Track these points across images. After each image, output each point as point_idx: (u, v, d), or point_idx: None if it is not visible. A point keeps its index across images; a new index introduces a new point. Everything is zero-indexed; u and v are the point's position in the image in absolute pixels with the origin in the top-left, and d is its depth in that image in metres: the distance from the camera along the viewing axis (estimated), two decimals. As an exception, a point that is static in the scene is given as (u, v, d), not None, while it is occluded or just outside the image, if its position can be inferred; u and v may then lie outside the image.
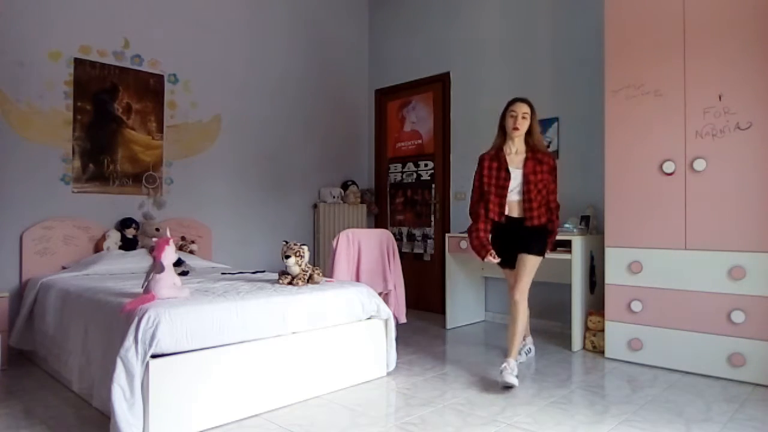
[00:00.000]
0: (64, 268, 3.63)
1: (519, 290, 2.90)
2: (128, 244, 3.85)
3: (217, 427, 2.26)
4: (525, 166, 2.95)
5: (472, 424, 2.28)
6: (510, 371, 2.71)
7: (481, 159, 3.08)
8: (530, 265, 2.93)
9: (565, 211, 3.80)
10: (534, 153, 2.97)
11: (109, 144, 3.95)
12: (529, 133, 2.98)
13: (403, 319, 3.83)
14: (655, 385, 2.83)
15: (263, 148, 4.87)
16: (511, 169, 2.96)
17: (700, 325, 2.99)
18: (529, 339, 3.37)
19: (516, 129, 2.94)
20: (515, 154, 2.99)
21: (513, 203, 2.97)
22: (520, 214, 2.96)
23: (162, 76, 4.23)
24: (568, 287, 3.61)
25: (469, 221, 4.59)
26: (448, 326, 4.24)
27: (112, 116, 3.97)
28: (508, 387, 2.70)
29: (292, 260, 2.88)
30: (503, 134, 3.03)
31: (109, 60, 3.95)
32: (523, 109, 2.94)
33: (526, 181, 2.93)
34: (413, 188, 5.32)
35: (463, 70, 4.87)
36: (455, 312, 4.28)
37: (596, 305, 3.66)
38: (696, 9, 3.04)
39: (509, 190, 2.95)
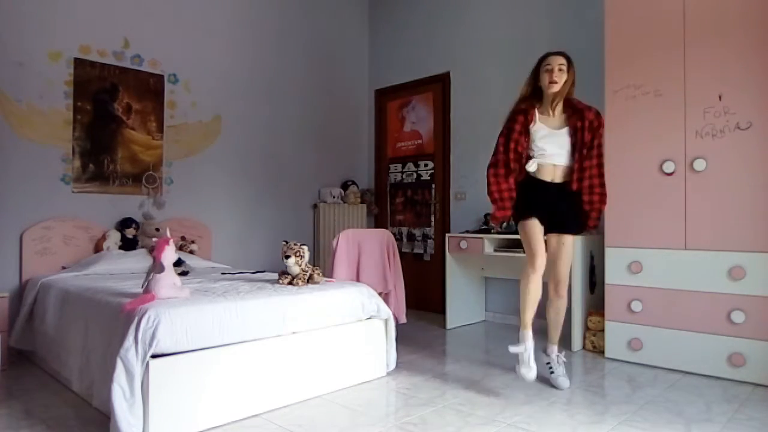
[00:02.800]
0: (64, 268, 3.62)
1: (562, 281, 2.73)
2: (128, 244, 3.85)
3: (217, 427, 2.26)
4: (568, 125, 2.68)
5: (472, 424, 2.28)
6: (563, 373, 2.74)
7: (514, 112, 2.74)
8: (572, 246, 2.75)
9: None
10: (573, 110, 2.69)
11: (109, 144, 3.95)
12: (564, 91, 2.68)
13: (403, 319, 3.82)
14: (655, 385, 2.83)
15: (263, 148, 4.87)
16: (549, 130, 2.69)
17: (700, 325, 2.99)
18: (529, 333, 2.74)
19: (553, 83, 2.62)
20: (553, 115, 2.72)
21: (558, 168, 2.71)
22: (564, 179, 2.73)
23: (162, 76, 4.23)
24: (569, 287, 3.60)
25: (468, 221, 4.55)
26: (448, 326, 4.24)
27: (112, 116, 3.97)
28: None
29: (292, 260, 2.88)
30: (533, 92, 2.73)
31: (109, 60, 3.95)
32: (559, 61, 2.64)
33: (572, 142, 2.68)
34: (413, 188, 5.32)
35: (463, 70, 4.87)
36: (455, 312, 4.28)
37: (596, 305, 3.66)
38: (696, 9, 3.04)
39: (550, 154, 2.68)
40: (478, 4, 4.77)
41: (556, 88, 2.63)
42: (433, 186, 5.13)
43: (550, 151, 2.69)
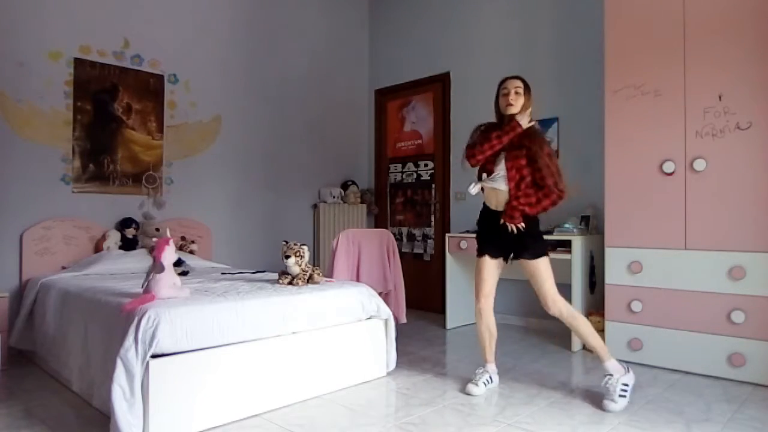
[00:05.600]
0: (64, 268, 3.62)
1: (547, 300, 2.59)
2: (128, 244, 3.85)
3: (217, 427, 2.26)
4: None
5: (472, 424, 2.28)
6: (613, 387, 2.46)
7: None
8: (540, 269, 2.61)
9: (565, 211, 3.79)
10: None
11: (109, 144, 3.95)
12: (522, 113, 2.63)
13: (403, 319, 3.82)
14: (655, 385, 2.83)
15: (263, 148, 4.87)
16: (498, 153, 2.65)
17: (700, 325, 2.99)
18: (492, 366, 2.81)
19: (510, 105, 2.62)
20: None
21: (500, 194, 2.64)
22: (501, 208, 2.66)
23: (162, 76, 4.23)
24: (568, 287, 3.60)
25: (468, 221, 4.57)
26: (448, 326, 4.24)
27: (112, 116, 3.97)
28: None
29: (292, 260, 2.88)
30: (499, 117, 2.72)
31: (109, 60, 3.95)
32: (515, 84, 2.65)
33: (508, 168, 2.59)
34: (413, 188, 5.32)
35: (463, 70, 4.87)
36: (455, 312, 4.28)
37: (596, 305, 3.66)
38: (696, 9, 3.04)
39: (492, 177, 2.64)
40: (478, 4, 4.77)
41: (513, 110, 2.62)
42: (433, 186, 5.13)
43: (495, 174, 2.63)
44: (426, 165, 5.20)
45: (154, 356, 2.09)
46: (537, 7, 4.36)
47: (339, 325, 2.78)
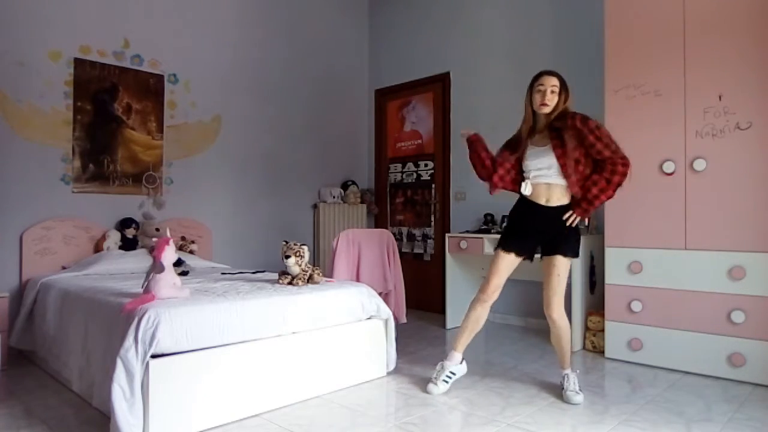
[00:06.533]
0: (64, 268, 3.62)
1: (553, 305, 2.58)
2: (128, 244, 3.85)
3: (217, 427, 2.26)
4: (551, 139, 2.51)
5: (472, 424, 2.28)
6: (573, 389, 2.56)
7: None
8: (568, 268, 2.59)
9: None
10: (560, 122, 2.50)
11: (109, 144, 3.95)
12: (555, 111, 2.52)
13: (403, 319, 3.82)
14: (655, 385, 2.83)
15: (263, 148, 4.87)
16: (536, 149, 2.56)
17: (700, 325, 2.99)
18: (458, 356, 2.77)
19: (544, 105, 2.49)
20: (539, 133, 2.58)
21: (553, 188, 2.54)
22: (559, 201, 2.55)
23: (162, 76, 4.23)
24: (569, 287, 3.60)
25: (468, 221, 4.55)
26: (448, 326, 4.24)
27: (112, 116, 3.97)
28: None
29: (292, 260, 2.88)
30: (532, 115, 2.60)
31: (109, 60, 3.95)
32: (551, 81, 2.50)
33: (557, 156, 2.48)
34: (413, 188, 5.32)
35: (463, 70, 4.87)
36: (455, 312, 4.28)
37: (596, 305, 3.66)
38: (696, 9, 3.04)
39: (537, 173, 2.55)
40: (478, 4, 4.77)
41: (546, 110, 2.51)
42: (433, 186, 5.13)
43: (537, 168, 2.54)
44: (426, 165, 5.20)
45: (154, 356, 2.09)
46: (537, 8, 4.36)
47: (339, 325, 2.78)
